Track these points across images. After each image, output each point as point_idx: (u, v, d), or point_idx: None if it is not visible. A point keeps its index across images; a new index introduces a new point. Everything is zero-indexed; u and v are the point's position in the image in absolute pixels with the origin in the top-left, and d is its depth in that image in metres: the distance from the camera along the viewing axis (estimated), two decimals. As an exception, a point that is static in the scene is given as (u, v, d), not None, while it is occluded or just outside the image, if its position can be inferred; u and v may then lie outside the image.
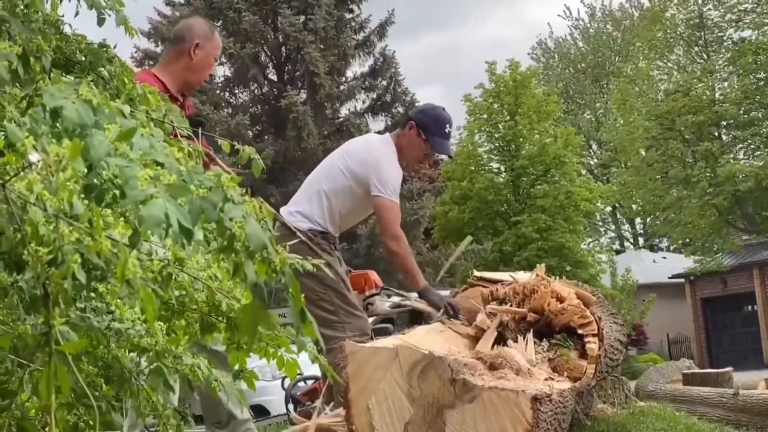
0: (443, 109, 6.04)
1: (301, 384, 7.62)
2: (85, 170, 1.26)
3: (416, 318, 6.31)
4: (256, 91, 24.18)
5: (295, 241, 5.20)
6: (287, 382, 9.12)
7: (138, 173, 1.24)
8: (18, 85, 1.46)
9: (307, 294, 5.68)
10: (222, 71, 24.71)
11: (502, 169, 32.15)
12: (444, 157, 6.35)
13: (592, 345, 5.09)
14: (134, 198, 1.22)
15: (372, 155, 5.88)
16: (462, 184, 30.61)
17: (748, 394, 6.98)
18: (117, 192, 1.27)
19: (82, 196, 1.26)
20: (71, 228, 1.22)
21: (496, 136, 31.81)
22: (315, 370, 7.14)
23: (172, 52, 5.10)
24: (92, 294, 1.67)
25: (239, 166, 2.02)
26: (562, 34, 55.82)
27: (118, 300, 1.63)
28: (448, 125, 6.00)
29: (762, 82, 28.45)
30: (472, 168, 31.30)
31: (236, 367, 1.91)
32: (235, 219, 1.31)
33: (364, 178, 5.79)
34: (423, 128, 5.90)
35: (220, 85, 24.37)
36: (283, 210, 5.90)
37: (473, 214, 30.20)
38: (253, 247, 1.33)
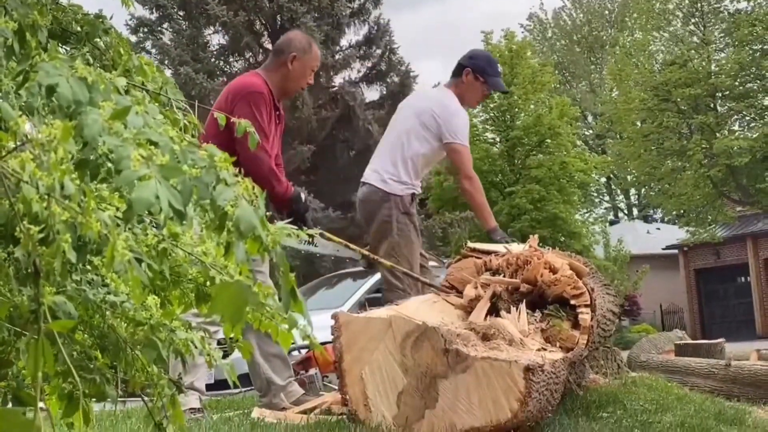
0: (488, 51, 6.91)
1: (294, 353, 7.65)
2: (77, 150, 1.27)
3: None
4: (250, 59, 24.07)
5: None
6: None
7: (131, 153, 1.24)
8: (14, 59, 1.47)
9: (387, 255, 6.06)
10: (216, 39, 24.63)
11: (497, 139, 32.12)
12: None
13: (585, 316, 5.12)
14: (126, 179, 1.23)
15: (441, 108, 6.41)
16: (457, 154, 30.52)
17: (739, 365, 7.03)
18: (112, 166, 1.27)
19: (75, 173, 1.27)
20: (63, 207, 1.23)
21: (491, 106, 31.74)
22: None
23: (274, 62, 5.65)
24: (88, 267, 1.68)
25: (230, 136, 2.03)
26: (557, 6, 55.59)
27: (114, 273, 1.64)
28: (497, 64, 6.76)
29: (758, 54, 28.38)
30: (467, 138, 31.23)
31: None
32: (227, 201, 1.33)
33: (437, 131, 6.33)
34: (480, 72, 6.49)
35: (214, 53, 24.27)
36: (371, 175, 6.49)
37: (468, 184, 30.14)
38: (243, 229, 1.34)
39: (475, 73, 6.47)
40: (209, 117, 5.00)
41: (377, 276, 13.02)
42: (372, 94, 24.57)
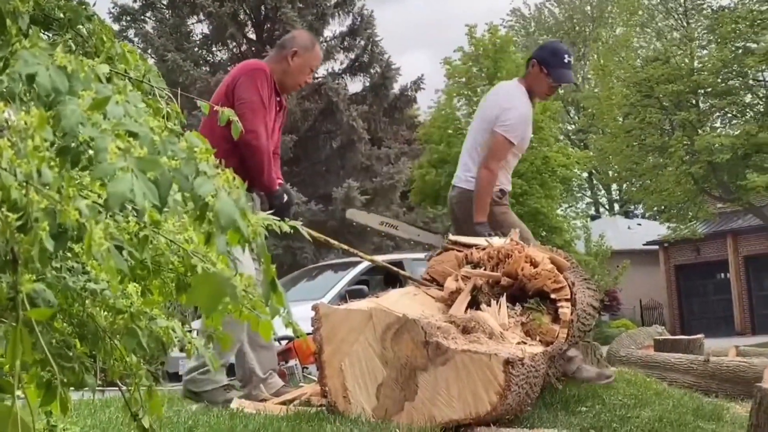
0: (560, 41, 6.63)
1: (275, 344, 7.65)
2: (53, 139, 1.26)
3: (391, 280, 6.37)
4: (234, 49, 24.04)
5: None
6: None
7: (108, 145, 1.24)
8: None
9: None
10: (200, 29, 24.55)
11: (480, 133, 32.08)
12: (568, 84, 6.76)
13: (565, 310, 5.13)
14: (102, 172, 1.22)
15: (504, 98, 6.46)
16: (439, 147, 30.55)
17: (718, 361, 7.06)
18: (93, 154, 1.27)
19: (53, 162, 1.26)
20: (41, 195, 1.22)
21: (475, 99, 31.69)
22: (290, 331, 7.14)
23: (276, 56, 5.70)
24: (68, 254, 1.67)
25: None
26: (539, 1, 55.53)
27: (94, 261, 1.63)
28: (566, 55, 6.41)
29: (740, 51, 28.45)
30: (450, 132, 31.23)
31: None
32: (206, 193, 1.32)
33: (496, 119, 6.30)
34: (543, 63, 6.35)
35: (198, 42, 24.19)
36: (457, 178, 6.63)
37: (450, 178, 30.09)
38: (224, 223, 1.34)
39: (540, 65, 6.35)
40: (214, 97, 5.04)
41: (359, 268, 13.04)
42: (355, 85, 24.58)
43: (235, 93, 5.27)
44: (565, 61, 6.33)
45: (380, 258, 11.17)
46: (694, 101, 30.51)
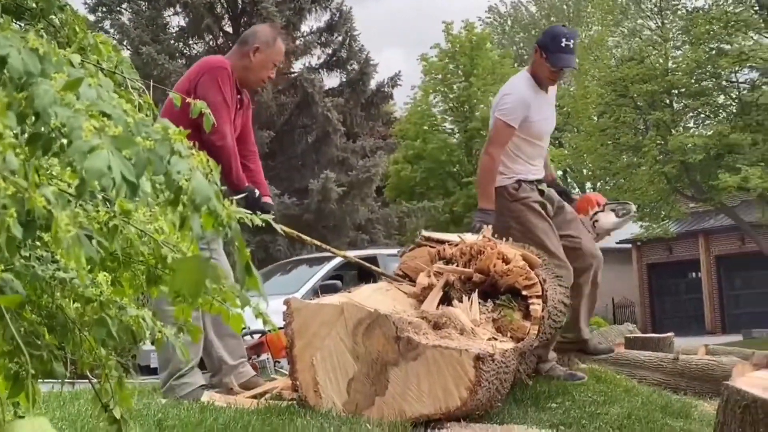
0: (564, 26, 6.52)
1: (247, 338, 7.63)
2: (29, 124, 1.26)
3: (365, 275, 6.35)
4: (211, 42, 23.91)
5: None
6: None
7: (83, 124, 1.23)
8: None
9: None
10: (176, 21, 24.44)
11: (456, 130, 32.19)
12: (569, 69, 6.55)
13: (536, 306, 5.16)
14: (78, 149, 1.22)
15: (501, 89, 6.58)
16: (415, 143, 30.62)
17: (687, 359, 7.11)
18: (64, 141, 1.26)
19: (20, 149, 1.26)
20: (8, 182, 1.22)
21: (451, 96, 31.80)
22: (261, 324, 7.14)
23: (237, 52, 5.66)
24: (37, 243, 1.66)
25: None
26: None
27: (63, 250, 1.63)
28: (565, 39, 6.26)
29: (714, 53, 28.61)
30: (426, 128, 31.30)
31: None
32: (182, 172, 1.32)
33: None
34: (543, 48, 6.27)
35: (174, 35, 24.08)
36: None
37: (425, 174, 30.25)
38: (198, 201, 1.33)
39: (541, 50, 6.28)
40: (169, 98, 4.99)
41: (333, 262, 13.05)
42: (332, 81, 24.52)
43: (198, 92, 5.21)
44: (563, 45, 6.21)
45: (354, 253, 11.19)
46: (668, 101, 30.65)
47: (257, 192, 5.43)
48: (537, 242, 6.01)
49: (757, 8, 28.74)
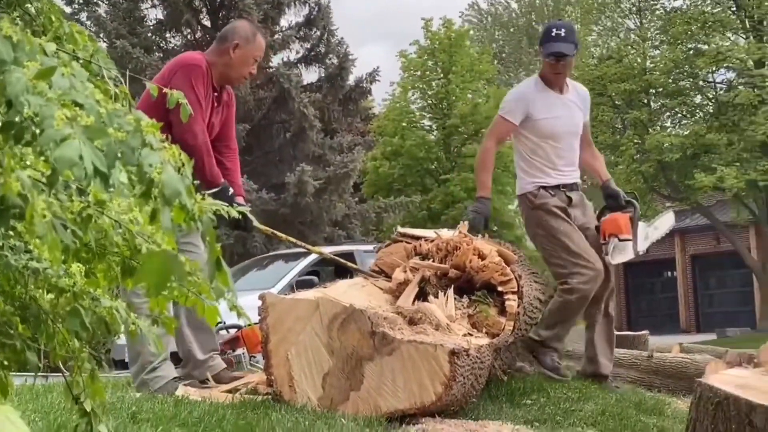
0: (560, 20, 6.61)
1: (222, 332, 7.61)
2: (2, 113, 1.25)
3: (342, 271, 6.33)
4: (189, 36, 23.80)
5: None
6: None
7: (55, 113, 1.23)
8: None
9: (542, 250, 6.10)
10: (154, 14, 24.29)
11: (434, 126, 32.19)
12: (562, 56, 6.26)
13: (512, 302, 5.18)
14: (50, 138, 1.21)
15: None
16: (393, 140, 30.60)
17: (661, 357, 7.14)
18: (36, 130, 1.26)
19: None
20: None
21: (429, 93, 31.80)
22: (237, 319, 7.13)
23: (216, 49, 5.64)
24: (10, 232, 1.65)
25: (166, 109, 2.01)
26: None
27: (37, 239, 1.62)
28: (555, 29, 6.26)
29: (691, 53, 28.79)
30: (404, 124, 31.29)
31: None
32: (153, 165, 1.31)
33: None
34: (539, 45, 6.32)
35: (151, 28, 23.96)
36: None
37: (403, 171, 30.25)
38: (168, 195, 1.33)
39: (539, 48, 6.33)
40: (145, 91, 4.96)
41: (309, 258, 13.02)
42: (310, 75, 24.45)
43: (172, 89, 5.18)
44: (553, 34, 6.17)
45: (331, 249, 11.18)
46: (645, 100, 30.82)
47: (231, 190, 5.41)
48: (560, 245, 6.01)
49: (734, 9, 28.91)
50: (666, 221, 7.00)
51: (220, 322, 5.84)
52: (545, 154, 6.18)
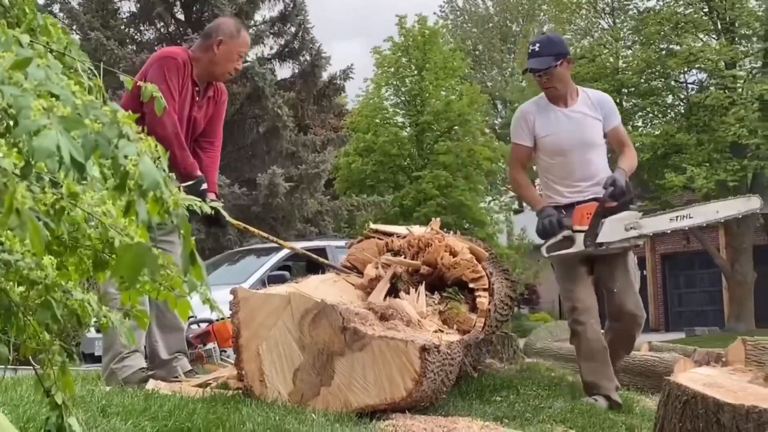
0: (546, 35, 6.26)
1: (193, 327, 7.60)
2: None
3: (314, 266, 6.31)
4: (162, 29, 23.68)
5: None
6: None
7: (31, 103, 1.23)
8: None
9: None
10: (127, 7, 24.15)
11: (407, 123, 32.23)
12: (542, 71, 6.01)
13: (483, 299, 5.20)
14: (26, 128, 1.21)
15: None
16: (366, 136, 30.61)
17: (631, 355, 7.19)
18: (11, 122, 1.25)
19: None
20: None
21: (403, 90, 31.84)
22: (208, 313, 7.14)
23: (201, 46, 5.65)
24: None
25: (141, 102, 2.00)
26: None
27: (8, 231, 1.61)
28: (531, 45, 6.07)
29: (663, 53, 28.98)
30: (377, 121, 31.32)
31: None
32: (129, 156, 1.31)
33: None
34: None
35: (124, 20, 23.82)
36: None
37: (376, 167, 30.28)
38: (146, 186, 1.33)
39: None
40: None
41: (281, 253, 13.00)
42: (284, 71, 24.37)
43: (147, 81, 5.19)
44: (529, 50, 6.03)
45: (303, 244, 11.17)
46: (617, 100, 30.93)
47: (204, 185, 5.41)
48: (562, 290, 5.93)
49: (706, 10, 29.09)
50: (736, 205, 5.97)
51: (191, 316, 5.83)
52: (557, 171, 5.94)
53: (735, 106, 26.52)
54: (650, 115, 31.54)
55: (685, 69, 29.18)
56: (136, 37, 23.91)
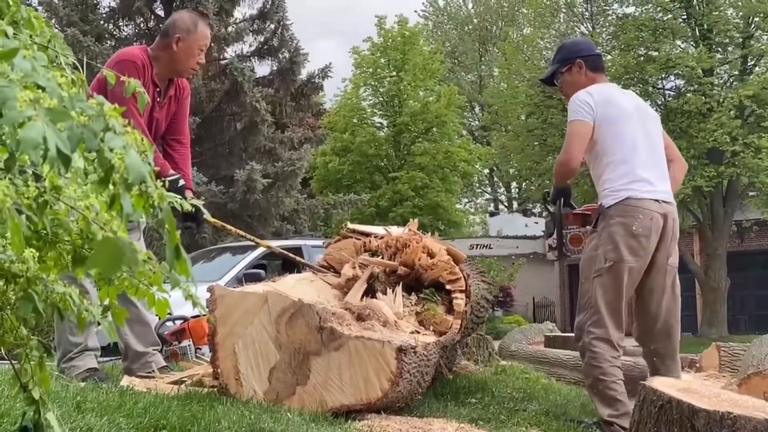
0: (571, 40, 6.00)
1: (168, 324, 7.57)
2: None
3: (289, 265, 6.28)
4: (141, 25, 23.58)
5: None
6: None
7: (17, 94, 1.21)
8: None
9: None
10: (107, 1, 24.05)
11: (385, 124, 32.29)
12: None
13: (459, 301, 5.20)
14: (12, 119, 1.20)
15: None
16: (344, 136, 30.65)
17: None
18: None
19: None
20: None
21: (381, 90, 31.89)
22: (183, 310, 7.12)
23: (160, 44, 5.57)
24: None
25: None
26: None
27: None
28: (556, 53, 5.93)
29: (642, 59, 29.14)
30: (355, 121, 31.35)
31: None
32: (115, 149, 1.30)
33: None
34: None
35: (104, 15, 23.70)
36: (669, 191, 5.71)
37: (353, 167, 30.32)
38: (132, 179, 1.32)
39: None
40: (91, 84, 4.92)
41: (257, 251, 12.98)
42: (263, 69, 24.36)
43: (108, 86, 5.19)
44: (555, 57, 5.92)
45: (279, 243, 11.15)
46: (595, 105, 31.08)
47: (182, 182, 5.40)
48: None
49: (684, 17, 29.26)
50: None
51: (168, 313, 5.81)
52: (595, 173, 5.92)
53: (715, 113, 26.69)
54: (627, 120, 31.70)
55: (663, 75, 29.34)
56: (114, 33, 23.79)
